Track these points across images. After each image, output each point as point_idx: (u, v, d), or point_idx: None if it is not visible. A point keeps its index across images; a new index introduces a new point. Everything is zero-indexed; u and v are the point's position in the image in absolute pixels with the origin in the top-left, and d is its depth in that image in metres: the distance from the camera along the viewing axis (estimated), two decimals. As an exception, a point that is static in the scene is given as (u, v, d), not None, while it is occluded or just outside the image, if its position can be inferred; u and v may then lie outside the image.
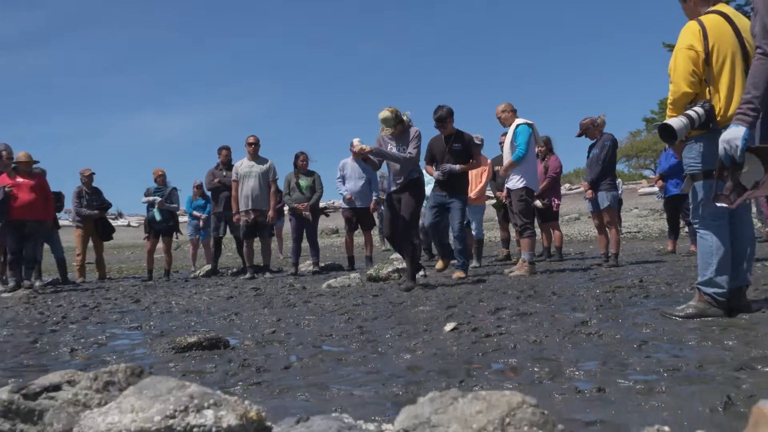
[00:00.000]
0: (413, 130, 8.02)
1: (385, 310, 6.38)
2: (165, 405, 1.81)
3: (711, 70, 4.68)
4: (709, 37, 4.68)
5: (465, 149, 8.92)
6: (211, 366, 4.27)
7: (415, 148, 7.95)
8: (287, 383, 3.69)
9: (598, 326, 4.78)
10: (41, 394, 2.37)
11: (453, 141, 8.91)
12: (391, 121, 7.91)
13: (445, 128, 8.96)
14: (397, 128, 8.00)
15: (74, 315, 7.47)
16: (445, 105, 8.94)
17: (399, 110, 7.99)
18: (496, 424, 1.52)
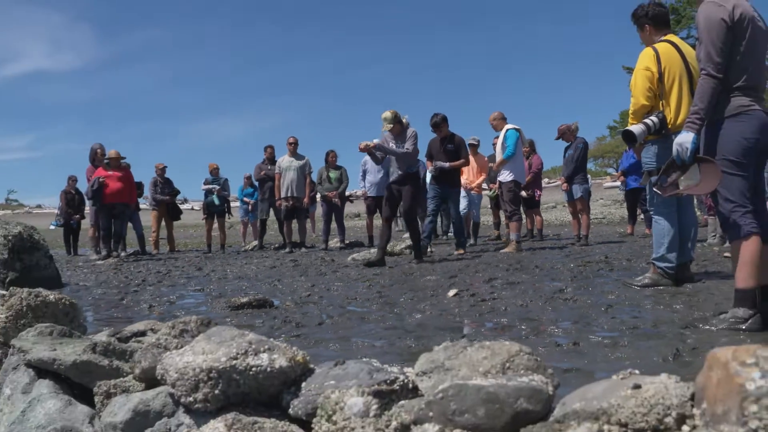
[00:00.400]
0: (410, 130, 7.89)
1: (399, 278, 6.40)
2: (229, 349, 1.83)
3: (663, 87, 4.89)
4: (662, 60, 4.88)
5: (456, 150, 8.81)
6: (259, 321, 4.31)
7: (411, 146, 7.79)
8: (321, 336, 3.72)
9: (572, 293, 4.78)
10: (131, 338, 2.41)
11: (447, 143, 8.79)
12: (390, 119, 7.75)
13: (440, 132, 8.83)
14: (396, 128, 7.85)
15: (151, 279, 7.53)
16: (439, 113, 8.82)
17: (399, 113, 7.84)
18: (498, 367, 1.54)
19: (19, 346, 2.62)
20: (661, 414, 1.21)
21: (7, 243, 6.89)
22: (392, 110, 7.81)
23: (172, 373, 1.83)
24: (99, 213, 11.16)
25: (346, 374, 1.74)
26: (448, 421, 1.38)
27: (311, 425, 1.64)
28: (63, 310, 3.10)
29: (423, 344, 3.37)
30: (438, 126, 8.79)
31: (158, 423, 1.93)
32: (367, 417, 1.44)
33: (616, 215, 20.94)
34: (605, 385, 1.32)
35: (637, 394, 1.25)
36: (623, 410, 1.21)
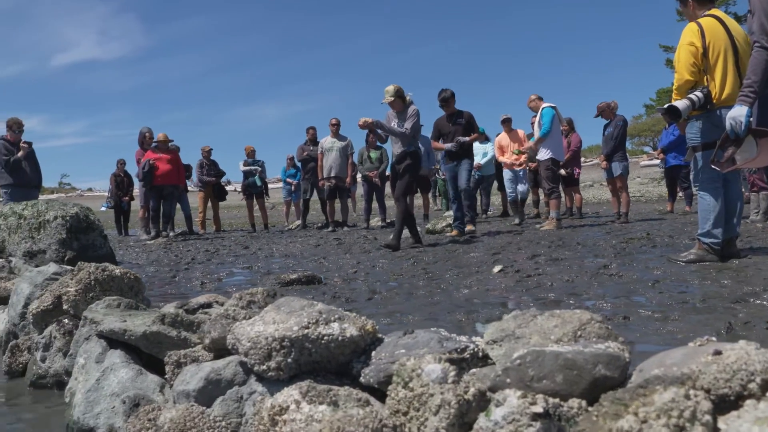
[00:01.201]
0: (411, 108, 7.46)
1: (443, 255, 6.37)
2: (300, 318, 1.84)
3: (708, 62, 4.77)
4: (706, 35, 4.73)
5: (468, 124, 8.51)
6: (309, 297, 4.31)
7: (411, 124, 7.36)
8: (371, 311, 3.71)
9: (617, 269, 4.71)
10: (198, 310, 2.45)
11: (456, 118, 8.52)
12: (391, 92, 7.40)
13: (448, 108, 8.54)
14: (398, 103, 7.45)
15: (200, 257, 7.62)
16: (448, 88, 8.56)
17: (402, 89, 7.47)
18: (570, 335, 1.52)
19: (91, 318, 2.68)
20: (745, 380, 1.18)
21: (65, 223, 6.98)
22: (395, 85, 7.49)
23: (245, 343, 1.85)
24: (149, 194, 11.31)
25: (416, 343, 1.73)
26: (526, 387, 1.37)
27: (383, 392, 1.64)
28: (128, 284, 3.16)
29: (473, 318, 3.36)
30: (447, 102, 8.52)
31: (229, 391, 1.96)
32: (446, 383, 1.43)
33: (654, 193, 20.59)
34: (684, 352, 1.30)
35: (718, 360, 1.22)
36: (705, 376, 1.19)
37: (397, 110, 7.53)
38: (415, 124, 7.39)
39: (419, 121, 7.47)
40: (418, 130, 7.52)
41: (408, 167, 7.46)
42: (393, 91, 7.40)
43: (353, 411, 1.47)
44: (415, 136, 7.50)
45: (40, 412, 2.83)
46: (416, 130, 7.47)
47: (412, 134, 7.41)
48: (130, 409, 2.21)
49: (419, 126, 7.51)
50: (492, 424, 1.29)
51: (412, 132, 7.37)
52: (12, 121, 9.16)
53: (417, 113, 7.44)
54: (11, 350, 3.33)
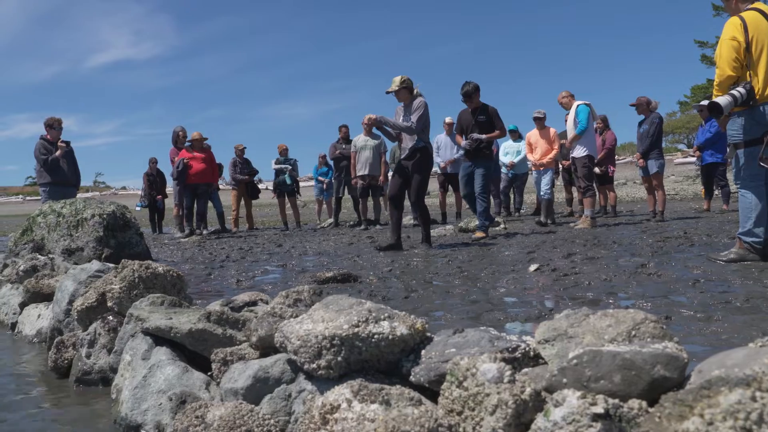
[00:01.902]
0: (418, 101, 7.03)
1: (477, 254, 6.35)
2: (349, 317, 1.85)
3: (751, 57, 4.69)
4: (749, 29, 4.65)
5: (489, 121, 8.02)
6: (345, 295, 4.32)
7: (417, 118, 6.94)
8: (409, 309, 3.69)
9: (656, 268, 4.65)
10: (243, 308, 2.46)
11: (478, 113, 8.04)
12: (396, 82, 7.05)
13: (471, 102, 8.09)
14: (404, 95, 7.08)
15: (234, 255, 7.69)
16: (471, 81, 8.09)
17: (410, 80, 7.08)
18: (624, 335, 1.51)
19: (137, 315, 2.72)
20: (811, 382, 1.16)
21: (102, 221, 7.09)
22: (403, 76, 7.12)
23: (294, 341, 1.86)
24: (183, 193, 11.43)
25: (467, 342, 1.73)
26: (583, 387, 1.36)
27: (433, 392, 1.65)
28: (171, 281, 3.20)
29: (512, 317, 3.34)
30: (470, 96, 8.07)
31: (277, 390, 1.97)
32: (502, 383, 1.43)
33: (689, 191, 20.30)
34: (745, 353, 1.27)
35: (782, 362, 1.20)
36: (769, 378, 1.17)
37: (403, 102, 7.17)
38: (421, 117, 6.99)
39: (427, 114, 7.08)
40: (425, 125, 7.11)
41: (418, 164, 7.11)
42: (399, 81, 7.08)
43: (408, 410, 1.47)
44: (425, 131, 7.12)
45: (86, 408, 2.88)
46: (423, 123, 7.05)
47: (420, 128, 7.02)
48: (177, 406, 2.24)
49: (427, 120, 7.11)
50: (551, 424, 1.28)
51: (418, 126, 6.98)
52: (52, 120, 9.31)
53: (424, 106, 7.04)
54: (56, 346, 3.39)
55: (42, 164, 9.02)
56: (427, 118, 7.08)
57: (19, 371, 3.59)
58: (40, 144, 9.11)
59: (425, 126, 7.08)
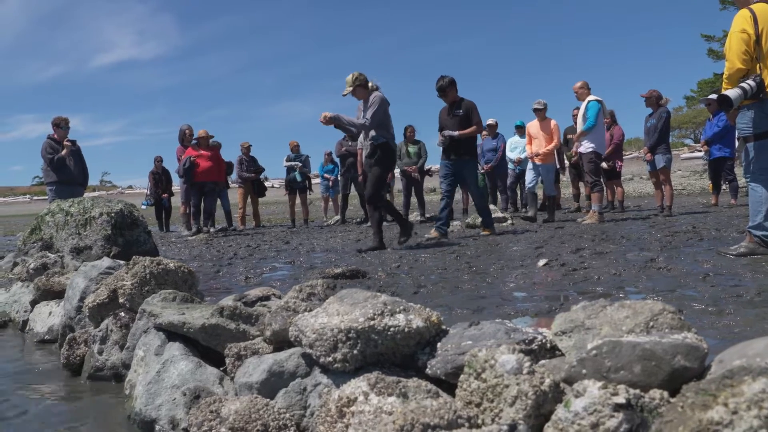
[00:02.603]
0: (373, 95, 6.74)
1: (485, 249, 6.34)
2: (365, 310, 1.85)
3: (761, 50, 4.67)
4: (759, 22, 4.63)
5: (466, 115, 7.63)
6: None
7: (371, 114, 6.65)
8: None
9: (665, 263, 4.64)
10: (256, 303, 2.47)
11: (455, 108, 7.66)
12: (348, 82, 6.78)
13: (447, 97, 7.71)
14: (360, 92, 6.82)
15: (242, 252, 7.70)
16: (446, 75, 7.72)
17: (362, 76, 6.80)
18: (642, 326, 1.50)
19: (149, 311, 2.73)
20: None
21: (110, 219, 7.08)
22: (356, 72, 6.84)
23: (309, 334, 1.86)
24: (190, 191, 11.44)
25: (482, 334, 1.73)
26: (603, 378, 1.36)
27: (449, 384, 1.64)
28: (182, 277, 3.21)
29: (522, 312, 3.33)
30: (444, 91, 7.70)
31: (292, 384, 1.97)
32: (521, 374, 1.43)
33: (696, 186, 20.25)
34: (765, 343, 1.27)
35: (803, 352, 1.20)
36: (791, 367, 1.17)
37: (361, 99, 6.91)
38: (376, 112, 6.69)
39: (383, 109, 6.78)
40: (383, 119, 6.80)
41: (377, 162, 6.83)
42: (351, 81, 6.81)
43: (426, 402, 1.47)
44: (383, 126, 6.83)
45: (99, 404, 2.89)
46: (379, 119, 6.74)
47: (375, 124, 6.74)
48: (191, 401, 2.24)
49: (384, 114, 6.80)
50: (572, 415, 1.28)
51: (373, 122, 6.70)
52: (59, 119, 9.35)
53: (380, 101, 6.72)
54: (69, 343, 3.41)
55: (48, 163, 9.05)
56: (384, 112, 6.81)
57: (32, 368, 3.60)
58: (47, 143, 9.14)
59: (383, 121, 6.81)
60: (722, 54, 4.86)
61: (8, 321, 4.89)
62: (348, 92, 6.83)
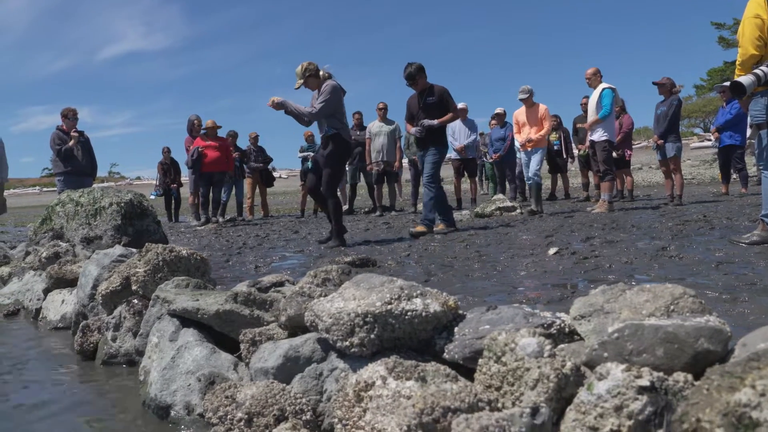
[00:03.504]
0: (326, 84, 6.34)
1: (495, 238, 6.32)
2: (382, 294, 1.85)
3: (774, 36, 4.54)
4: None
5: (440, 102, 7.16)
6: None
7: (321, 103, 6.23)
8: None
9: (677, 251, 4.61)
10: (270, 289, 2.47)
11: (426, 96, 7.17)
12: (298, 74, 6.40)
13: (416, 85, 7.19)
14: (314, 83, 6.41)
15: (251, 242, 7.70)
16: (414, 62, 7.20)
17: (313, 65, 6.42)
18: (663, 310, 1.49)
19: (163, 297, 2.73)
20: None
21: (120, 209, 7.11)
22: (305, 62, 6.45)
23: (326, 319, 1.86)
24: (198, 181, 11.45)
25: (500, 318, 1.72)
26: (625, 361, 1.35)
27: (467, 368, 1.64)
28: (195, 264, 3.21)
29: (533, 300, 3.32)
30: (413, 78, 7.17)
31: (308, 369, 1.97)
32: (542, 357, 1.42)
33: (706, 175, 20.12)
34: (789, 326, 1.26)
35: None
36: (816, 350, 1.16)
37: (315, 90, 6.49)
38: (327, 101, 6.27)
39: (335, 98, 6.37)
40: (335, 109, 6.40)
41: (329, 154, 6.46)
42: (300, 72, 6.42)
43: (446, 386, 1.47)
44: (336, 116, 6.43)
45: (114, 390, 2.90)
46: (331, 108, 6.34)
47: (325, 113, 6.33)
48: (206, 386, 2.25)
49: (336, 103, 6.39)
50: (595, 398, 1.27)
51: (322, 111, 6.29)
52: (67, 110, 9.39)
53: (331, 90, 6.32)
54: (82, 330, 3.42)
55: (56, 154, 9.10)
56: (336, 101, 6.40)
57: (47, 355, 3.62)
58: (55, 134, 9.19)
59: (335, 110, 6.41)
60: (733, 42, 4.80)
61: (21, 309, 4.92)
62: (300, 85, 6.44)
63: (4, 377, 3.22)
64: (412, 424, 1.38)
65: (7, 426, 2.53)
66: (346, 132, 6.55)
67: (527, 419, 1.29)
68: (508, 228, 7.30)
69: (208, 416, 1.97)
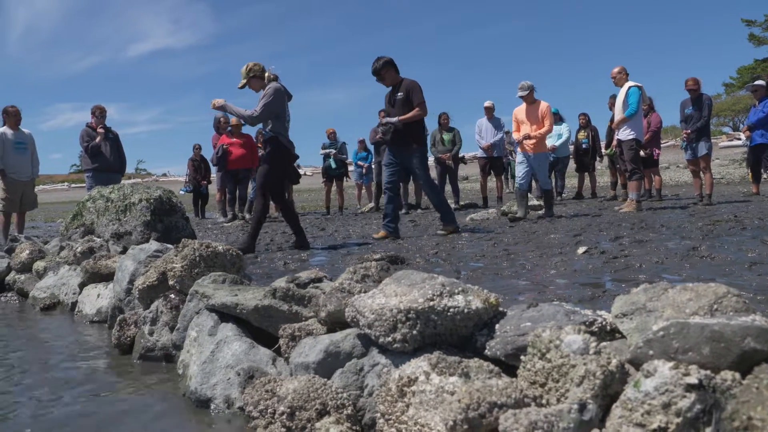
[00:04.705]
0: (268, 86, 6.16)
1: (522, 237, 6.31)
2: (423, 290, 1.87)
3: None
4: None
5: (406, 98, 6.66)
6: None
7: (261, 106, 6.05)
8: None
9: (708, 251, 4.57)
10: (309, 284, 2.50)
11: (397, 91, 6.73)
12: (243, 74, 6.25)
13: (383, 80, 6.80)
14: (257, 85, 6.25)
15: (278, 239, 7.76)
16: (383, 56, 6.81)
17: (258, 66, 6.27)
18: (706, 309, 1.50)
19: (202, 292, 2.78)
20: None
21: (149, 206, 7.20)
22: (251, 62, 6.31)
23: (368, 315, 1.89)
24: (225, 178, 11.56)
25: (541, 316, 1.74)
26: (670, 359, 1.36)
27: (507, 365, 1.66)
28: (230, 260, 3.26)
29: (564, 299, 3.31)
30: (379, 73, 6.78)
31: (348, 364, 2.00)
32: (587, 354, 1.44)
33: (736, 175, 19.85)
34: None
35: None
36: None
37: (259, 91, 6.30)
38: (267, 104, 6.08)
39: (277, 101, 6.15)
40: (276, 112, 6.19)
41: (266, 158, 6.32)
42: (245, 72, 6.27)
43: (491, 381, 1.49)
44: (279, 119, 6.24)
45: (152, 384, 2.96)
46: (272, 111, 6.14)
47: (266, 116, 6.15)
48: (245, 380, 2.29)
49: (277, 107, 6.17)
50: (642, 395, 1.29)
51: (263, 114, 6.11)
52: (95, 108, 9.58)
53: (273, 92, 6.13)
54: (119, 324, 3.49)
55: (84, 150, 9.28)
56: (278, 104, 6.18)
57: (84, 349, 3.70)
58: (84, 131, 9.38)
59: (278, 114, 6.22)
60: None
61: (57, 303, 5.01)
62: (243, 84, 6.31)
63: (45, 369, 3.30)
64: (458, 419, 1.41)
65: (51, 417, 2.59)
66: (285, 137, 6.34)
67: (575, 415, 1.31)
68: (535, 226, 7.28)
69: (248, 410, 2.00)
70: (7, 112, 8.89)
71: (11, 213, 9.11)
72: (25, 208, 9.20)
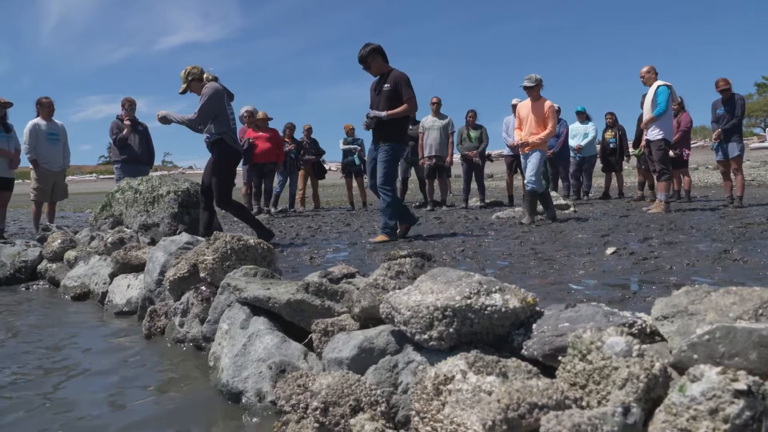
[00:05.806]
0: (205, 88, 6.15)
1: (549, 236, 6.27)
2: (460, 288, 1.86)
3: None
4: None
5: (394, 90, 6.29)
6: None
7: (198, 108, 6.06)
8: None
9: (740, 254, 4.51)
10: (342, 280, 2.50)
11: (383, 82, 6.38)
12: (182, 79, 6.28)
13: (370, 69, 6.45)
14: (197, 88, 6.25)
15: (304, 233, 7.78)
16: (371, 43, 6.43)
17: (196, 69, 6.27)
18: (751, 313, 1.48)
19: (234, 285, 2.80)
20: None
21: (177, 198, 7.27)
22: (189, 66, 6.30)
23: (404, 312, 1.88)
24: (250, 172, 11.62)
25: (580, 316, 1.72)
26: (716, 364, 1.34)
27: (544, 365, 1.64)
28: (261, 253, 3.27)
29: (594, 300, 3.28)
30: (365, 61, 6.42)
31: (382, 360, 2.00)
32: (630, 356, 1.42)
33: (766, 177, 19.56)
34: None
35: None
36: None
37: (199, 94, 6.26)
38: (204, 106, 6.07)
39: (214, 101, 6.13)
40: (216, 113, 6.17)
41: (216, 162, 6.31)
42: (183, 77, 6.29)
43: (531, 382, 1.48)
44: (219, 120, 6.19)
45: (182, 375, 2.98)
46: (206, 113, 6.11)
47: (204, 118, 6.13)
48: (277, 374, 2.30)
49: (215, 108, 6.15)
50: (688, 399, 1.27)
51: (200, 116, 6.10)
52: (124, 100, 9.73)
53: (210, 92, 6.12)
54: (150, 315, 3.52)
55: (113, 142, 9.42)
56: (215, 105, 6.15)
57: (116, 339, 3.74)
58: (114, 123, 9.55)
59: (219, 114, 6.19)
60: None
61: (88, 292, 5.07)
62: (183, 89, 6.34)
63: (79, 357, 3.34)
64: (496, 420, 1.40)
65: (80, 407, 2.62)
66: (230, 136, 6.29)
67: (619, 418, 1.30)
68: (563, 226, 7.24)
69: (280, 404, 2.01)
70: (41, 104, 9.02)
71: (42, 202, 9.25)
72: (56, 198, 9.33)
